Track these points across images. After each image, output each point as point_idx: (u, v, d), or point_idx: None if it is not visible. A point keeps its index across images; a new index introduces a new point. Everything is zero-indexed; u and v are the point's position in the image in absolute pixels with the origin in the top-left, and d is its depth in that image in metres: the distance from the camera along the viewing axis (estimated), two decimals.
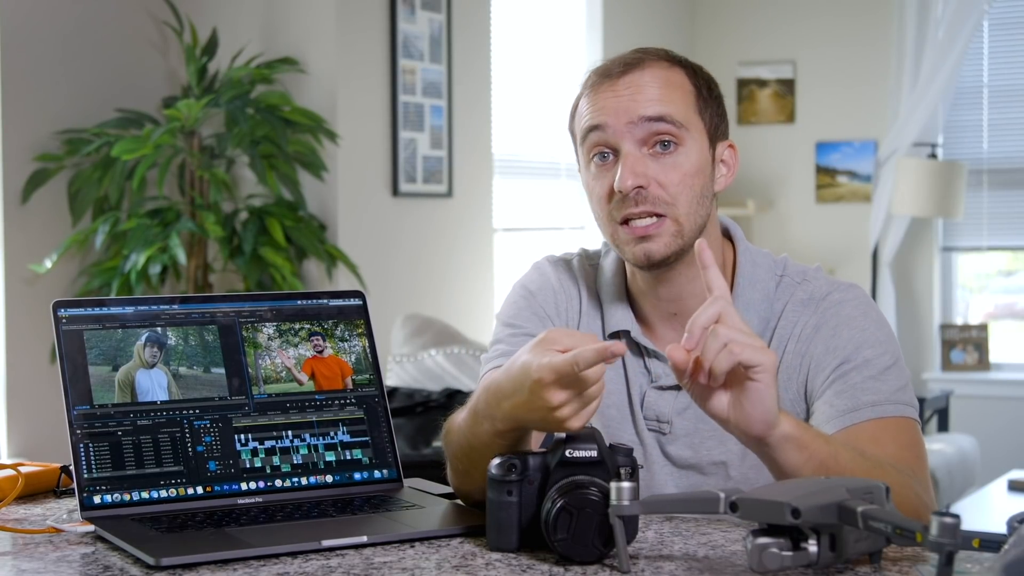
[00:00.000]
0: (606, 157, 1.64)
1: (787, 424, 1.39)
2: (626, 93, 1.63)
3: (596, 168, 1.66)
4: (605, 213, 1.65)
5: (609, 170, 1.64)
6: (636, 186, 1.61)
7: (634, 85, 1.63)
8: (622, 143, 1.62)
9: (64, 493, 1.70)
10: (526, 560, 1.33)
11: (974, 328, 6.15)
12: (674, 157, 1.63)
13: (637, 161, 1.62)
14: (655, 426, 1.71)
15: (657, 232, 1.62)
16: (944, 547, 1.11)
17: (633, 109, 1.62)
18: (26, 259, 4.05)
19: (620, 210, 1.63)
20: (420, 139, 4.76)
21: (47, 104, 4.13)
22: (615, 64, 1.66)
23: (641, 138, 1.62)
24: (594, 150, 1.65)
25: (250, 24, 4.53)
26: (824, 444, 1.43)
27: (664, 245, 1.63)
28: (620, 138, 1.62)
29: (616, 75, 1.65)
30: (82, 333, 1.55)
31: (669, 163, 1.63)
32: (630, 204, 1.62)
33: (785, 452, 1.40)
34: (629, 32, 5.95)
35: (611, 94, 1.64)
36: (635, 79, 1.64)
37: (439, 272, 4.95)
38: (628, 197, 1.61)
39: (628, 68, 1.65)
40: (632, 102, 1.62)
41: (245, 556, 1.33)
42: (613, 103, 1.63)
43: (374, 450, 1.63)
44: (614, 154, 1.64)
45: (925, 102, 5.88)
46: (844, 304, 1.67)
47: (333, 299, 1.70)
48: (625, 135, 1.62)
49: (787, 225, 6.37)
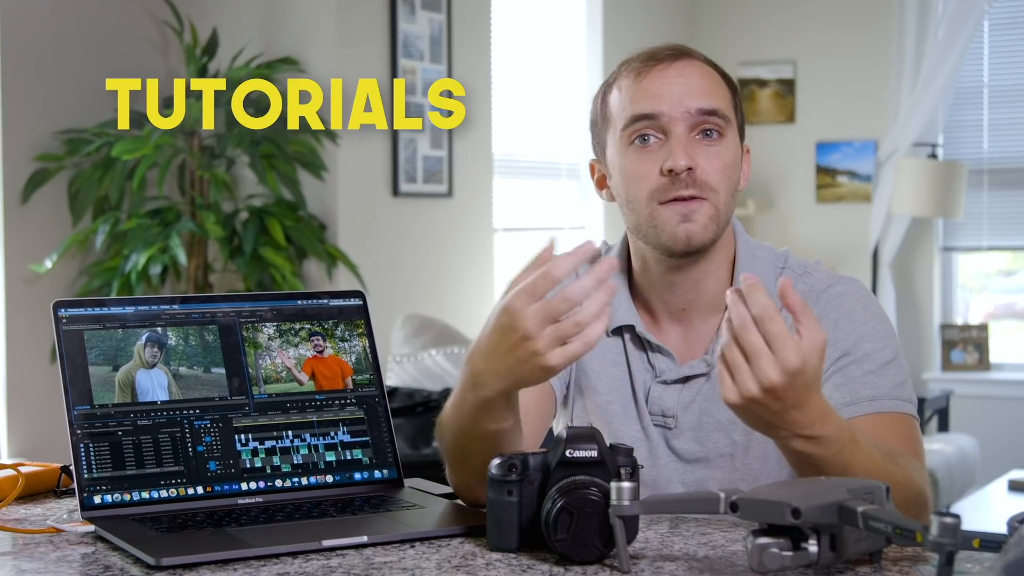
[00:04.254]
0: (647, 140, 1.65)
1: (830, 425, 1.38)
2: (678, 81, 1.65)
3: (638, 151, 1.66)
4: (646, 194, 1.65)
5: (654, 152, 1.64)
6: (688, 167, 1.62)
7: (685, 73, 1.66)
8: (674, 127, 1.64)
9: (64, 493, 1.70)
10: (526, 560, 1.33)
11: (974, 328, 6.15)
12: (718, 147, 1.65)
13: (689, 144, 1.63)
14: (660, 421, 1.71)
15: (699, 210, 1.63)
16: (944, 547, 1.11)
17: (689, 99, 1.64)
18: (26, 259, 4.05)
19: (668, 191, 1.63)
20: (420, 139, 4.76)
21: (47, 104, 4.13)
22: (662, 51, 1.68)
23: (691, 125, 1.64)
24: (638, 133, 1.66)
25: (250, 24, 4.53)
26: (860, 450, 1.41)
27: (703, 227, 1.63)
28: (672, 123, 1.64)
29: (667, 60, 1.66)
30: (82, 333, 1.55)
31: (713, 151, 1.65)
32: (680, 186, 1.62)
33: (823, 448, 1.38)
34: (629, 32, 5.95)
35: (662, 80, 1.65)
36: (685, 68, 1.66)
37: (439, 272, 4.95)
38: (680, 178, 1.62)
39: (677, 56, 1.67)
40: (686, 91, 1.64)
41: (245, 556, 1.33)
42: (667, 90, 1.64)
43: (374, 450, 1.63)
44: (660, 137, 1.65)
45: (925, 102, 5.88)
46: (845, 297, 1.67)
47: (333, 299, 1.70)
48: (678, 121, 1.64)
49: (787, 225, 6.37)
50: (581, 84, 5.78)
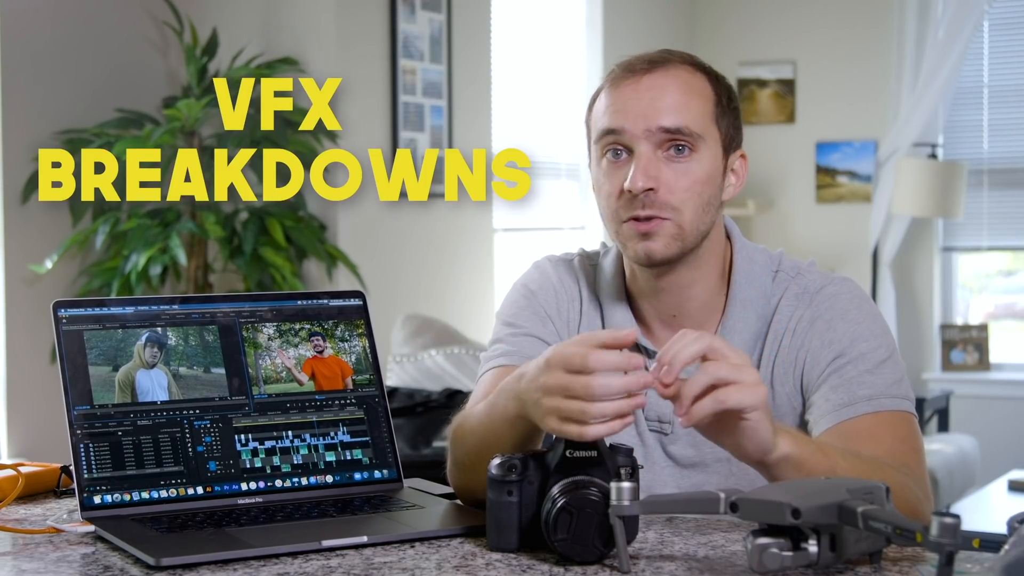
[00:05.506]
0: (619, 154, 1.64)
1: (784, 444, 1.39)
2: (647, 96, 1.63)
3: (608, 165, 1.65)
4: (612, 210, 1.65)
5: (621, 168, 1.64)
6: (646, 188, 1.61)
7: (656, 88, 1.63)
8: (637, 144, 1.62)
9: (64, 493, 1.70)
10: (526, 560, 1.33)
11: (974, 328, 6.15)
12: (687, 164, 1.63)
13: (650, 163, 1.62)
14: (657, 427, 1.71)
15: (658, 230, 1.62)
16: (944, 547, 1.11)
17: (652, 116, 1.62)
18: (26, 259, 4.05)
19: (628, 210, 1.63)
20: (420, 139, 4.76)
21: (47, 104, 4.13)
22: (640, 61, 1.66)
23: (656, 142, 1.63)
24: (608, 147, 1.65)
25: (250, 24, 4.53)
26: (822, 457, 1.42)
27: (664, 245, 1.63)
28: (635, 141, 1.63)
29: (640, 72, 1.64)
30: (82, 333, 1.55)
31: (681, 169, 1.63)
32: (638, 205, 1.62)
33: (784, 472, 1.40)
34: (629, 32, 5.95)
35: (632, 95, 1.63)
36: (657, 81, 1.63)
37: (439, 272, 4.95)
38: (637, 198, 1.61)
39: (652, 67, 1.64)
40: (652, 108, 1.62)
41: (245, 556, 1.33)
42: (634, 105, 1.63)
43: (374, 450, 1.63)
44: (628, 152, 1.64)
45: (925, 102, 5.88)
46: (838, 297, 1.67)
47: (333, 299, 1.70)
48: (640, 139, 1.62)
49: (787, 225, 6.37)
50: (581, 84, 5.78)
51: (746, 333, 1.68)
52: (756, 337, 1.68)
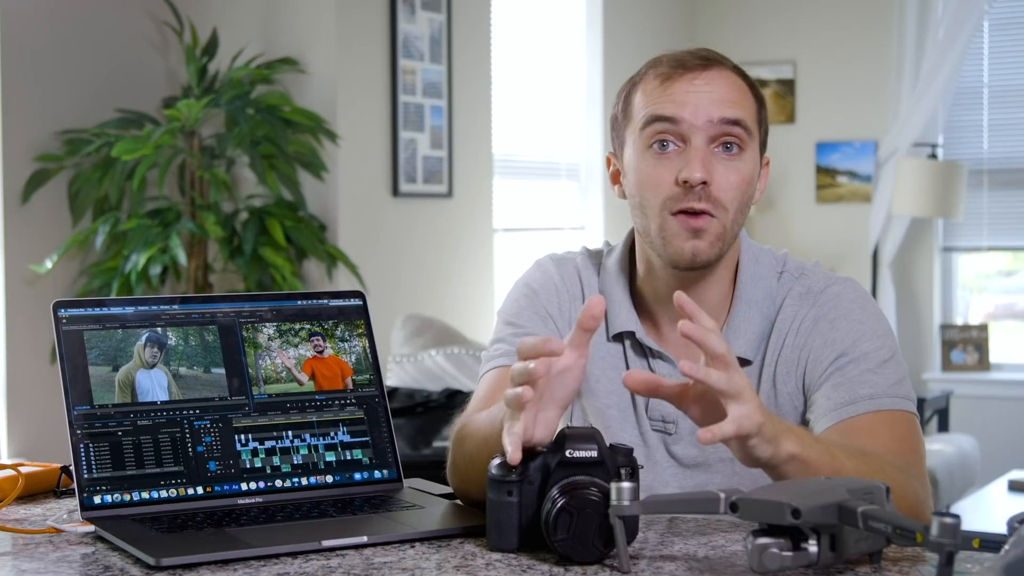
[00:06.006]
0: (666, 146, 1.64)
1: (790, 444, 1.38)
2: (705, 89, 1.63)
3: (655, 155, 1.64)
4: (659, 201, 1.64)
5: (671, 159, 1.63)
6: (703, 181, 1.61)
7: (713, 82, 1.64)
8: (694, 136, 1.62)
9: (64, 493, 1.70)
10: (526, 560, 1.33)
11: (974, 328, 6.15)
12: (736, 162, 1.64)
13: (706, 156, 1.62)
14: (660, 426, 1.71)
15: (708, 228, 1.62)
16: (944, 547, 1.11)
17: (713, 108, 1.62)
18: (26, 259, 4.05)
19: (680, 201, 1.62)
20: (420, 139, 4.76)
21: (47, 104, 4.13)
22: (692, 57, 1.66)
23: (712, 136, 1.63)
24: (657, 137, 1.64)
25: (250, 24, 4.53)
26: (828, 456, 1.42)
27: (709, 245, 1.63)
28: (693, 132, 1.62)
29: (696, 68, 1.64)
30: (82, 333, 1.55)
31: (732, 166, 1.63)
32: (693, 198, 1.61)
33: (790, 472, 1.39)
34: (629, 32, 5.95)
35: (689, 87, 1.63)
36: (714, 76, 1.64)
37: (439, 272, 4.95)
38: (693, 190, 1.61)
39: (707, 64, 1.65)
40: (711, 100, 1.62)
41: (245, 556, 1.33)
42: (693, 97, 1.63)
43: (374, 450, 1.63)
44: (679, 145, 1.63)
45: (925, 102, 5.88)
46: (842, 297, 1.68)
47: (333, 299, 1.70)
48: (699, 130, 1.62)
49: (787, 225, 6.37)
50: (581, 84, 5.78)
51: (750, 333, 1.68)
52: (760, 337, 1.68)
